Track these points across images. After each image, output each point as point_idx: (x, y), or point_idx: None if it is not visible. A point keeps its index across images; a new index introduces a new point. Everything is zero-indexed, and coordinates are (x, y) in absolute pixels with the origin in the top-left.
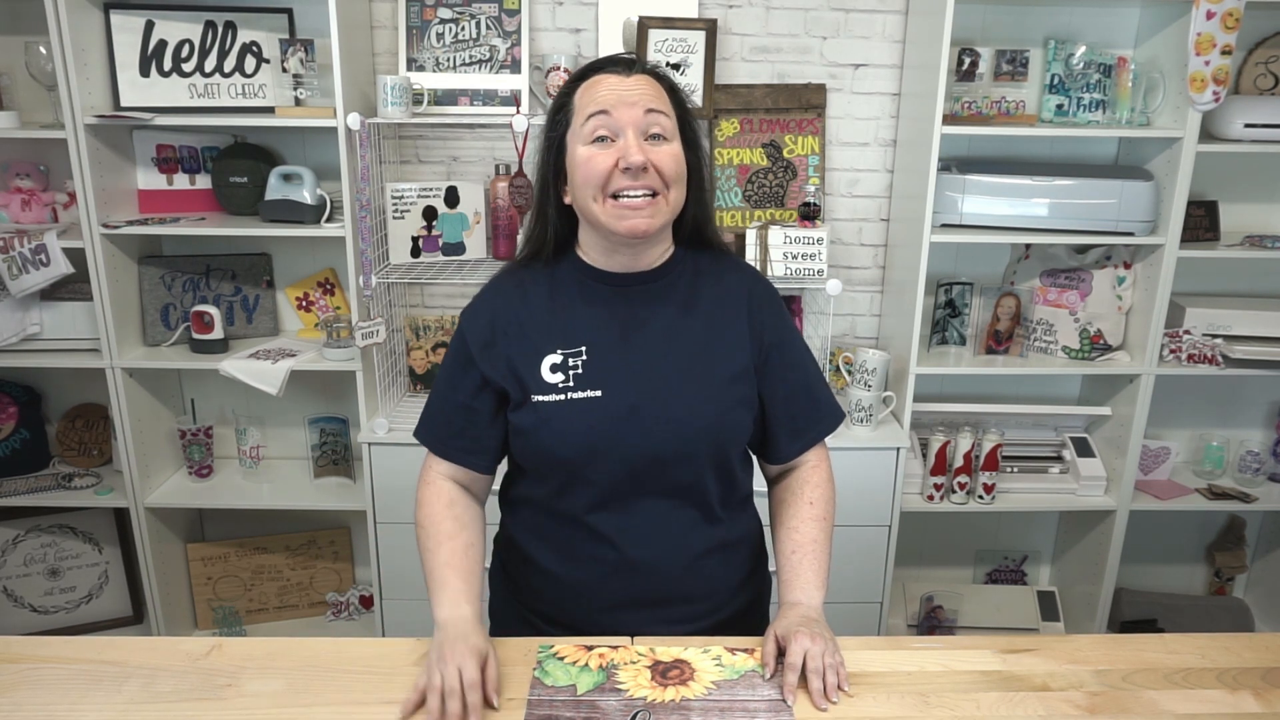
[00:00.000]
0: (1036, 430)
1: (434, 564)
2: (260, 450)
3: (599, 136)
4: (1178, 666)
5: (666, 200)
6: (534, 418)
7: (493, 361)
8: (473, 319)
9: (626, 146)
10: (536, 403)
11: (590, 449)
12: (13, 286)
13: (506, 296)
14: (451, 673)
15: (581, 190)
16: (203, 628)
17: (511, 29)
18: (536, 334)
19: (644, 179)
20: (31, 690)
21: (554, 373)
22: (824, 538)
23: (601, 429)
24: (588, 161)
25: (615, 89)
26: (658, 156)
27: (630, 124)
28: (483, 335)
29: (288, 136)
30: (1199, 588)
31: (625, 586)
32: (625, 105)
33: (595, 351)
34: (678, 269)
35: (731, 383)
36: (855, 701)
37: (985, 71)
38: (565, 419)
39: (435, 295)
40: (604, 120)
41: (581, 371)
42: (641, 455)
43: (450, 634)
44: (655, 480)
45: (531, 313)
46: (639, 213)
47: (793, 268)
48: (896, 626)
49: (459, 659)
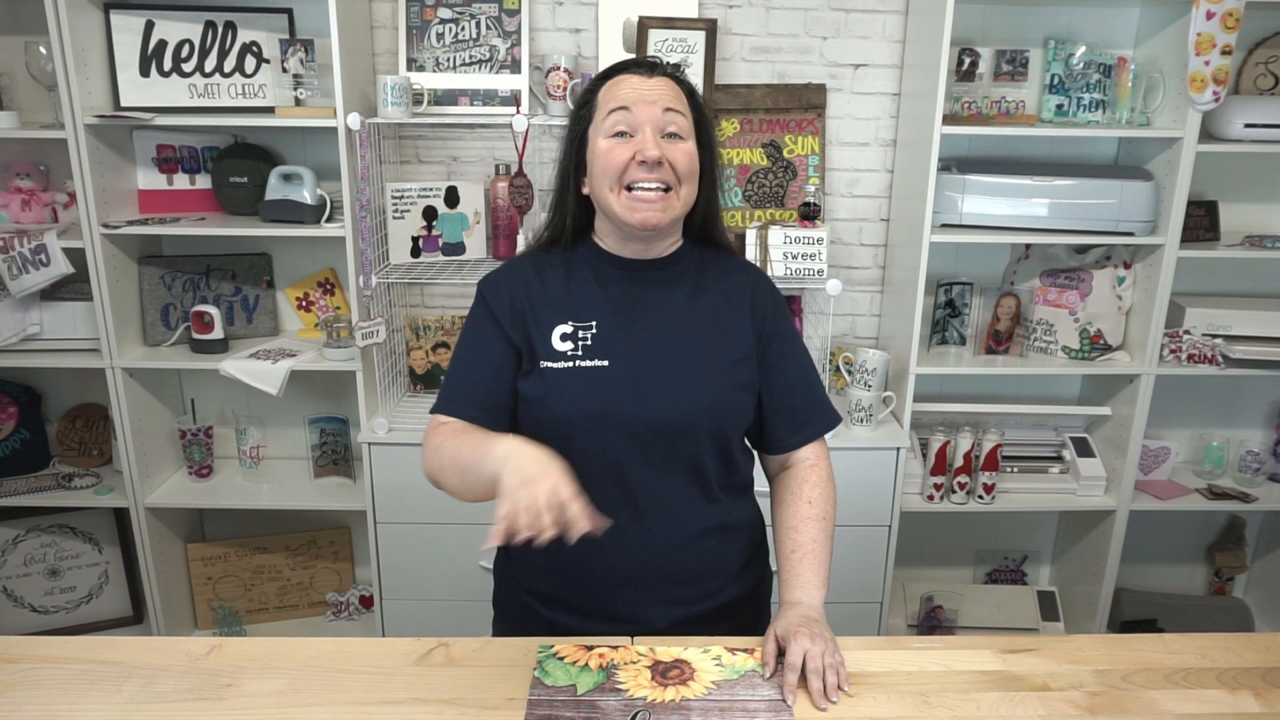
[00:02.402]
0: (1036, 430)
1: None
2: (260, 450)
3: (619, 131)
4: (1178, 666)
5: (678, 196)
6: (542, 384)
7: (513, 325)
8: (493, 288)
9: (644, 141)
10: (545, 369)
11: (595, 415)
12: (13, 286)
13: (524, 271)
14: (546, 489)
15: (599, 181)
16: (203, 628)
17: (511, 29)
18: (550, 307)
19: (658, 173)
20: (31, 690)
21: (564, 341)
22: (824, 537)
23: (607, 395)
24: (606, 154)
25: (637, 88)
26: (672, 153)
27: (648, 121)
28: (503, 302)
29: (288, 136)
30: (1199, 588)
31: (624, 562)
32: (645, 103)
33: (605, 326)
34: (686, 259)
35: (734, 365)
36: (855, 701)
37: (985, 71)
38: (572, 385)
39: (435, 295)
40: (624, 116)
41: (590, 343)
42: (644, 424)
43: (525, 456)
44: (656, 453)
45: (547, 289)
46: (651, 206)
47: (793, 268)
48: (896, 626)
49: (550, 480)
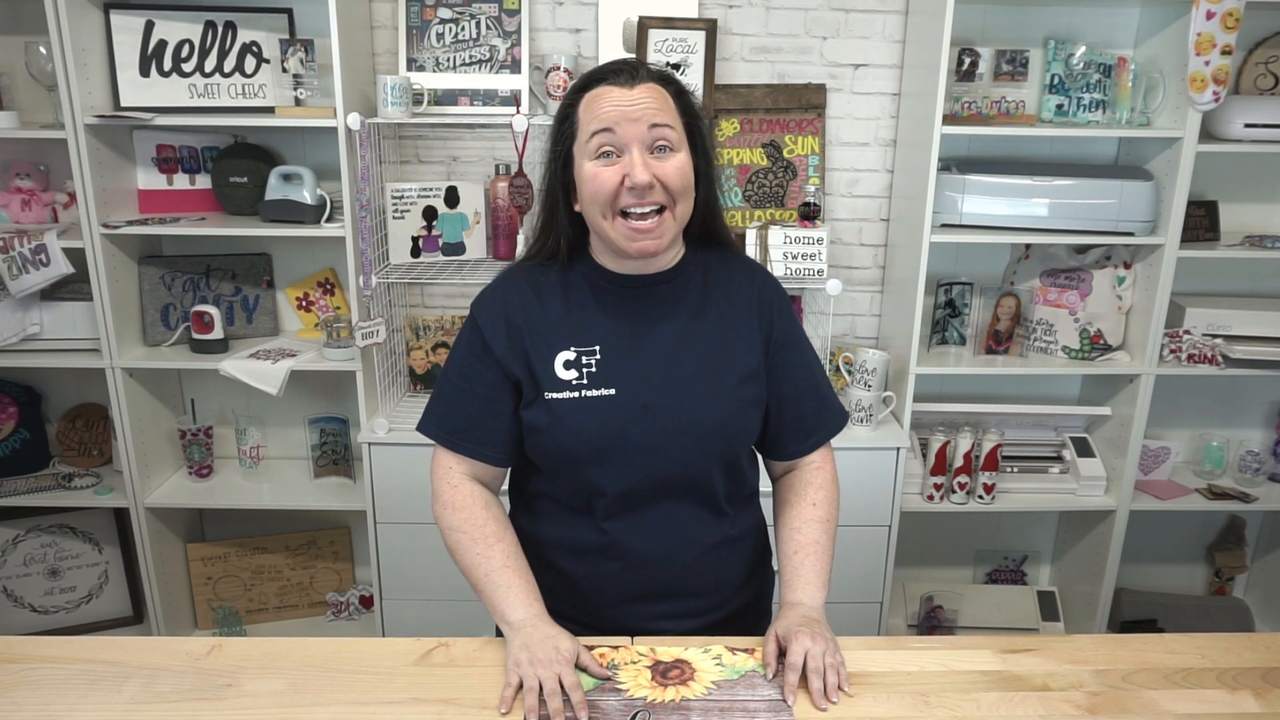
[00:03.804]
0: (1036, 430)
1: (490, 567)
2: (260, 450)
3: (604, 153)
4: (1178, 666)
5: (674, 215)
6: (547, 415)
7: (509, 353)
8: (487, 309)
9: (632, 165)
10: (550, 400)
11: (603, 446)
12: (13, 286)
13: (521, 290)
14: (551, 678)
15: (590, 206)
16: (203, 628)
17: (511, 29)
18: (550, 332)
19: (651, 195)
20: (31, 690)
21: (567, 370)
22: (826, 539)
23: (614, 426)
24: (594, 179)
25: (618, 104)
26: (663, 171)
27: (634, 140)
28: (498, 326)
29: (288, 136)
30: (1199, 588)
31: (633, 582)
32: (629, 121)
33: (608, 351)
34: (688, 271)
35: (742, 383)
36: (855, 701)
37: (985, 71)
38: (579, 416)
39: (435, 295)
40: (608, 138)
41: (595, 370)
42: (653, 453)
43: (535, 635)
44: (665, 478)
45: (545, 311)
46: (648, 235)
47: (793, 268)
48: (896, 626)
49: (557, 666)
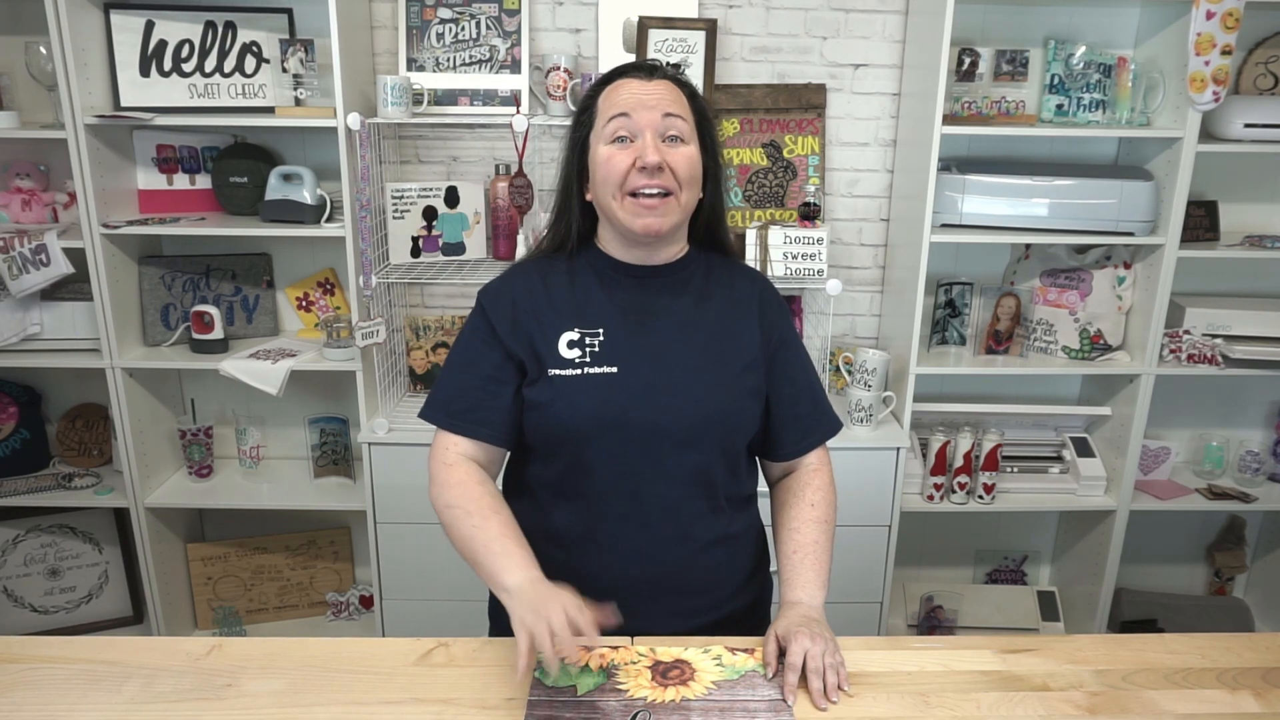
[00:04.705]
0: (1036, 430)
1: (487, 536)
2: (260, 450)
3: (619, 137)
4: (1178, 666)
5: (679, 200)
6: (549, 391)
7: (514, 337)
8: (494, 297)
9: (644, 146)
10: (553, 376)
11: (603, 422)
12: (13, 286)
13: (528, 278)
14: (558, 612)
15: (601, 188)
16: (203, 628)
17: (511, 29)
18: (556, 314)
19: (659, 178)
20: (31, 690)
21: (571, 349)
22: (825, 539)
23: (615, 402)
24: (608, 160)
25: (636, 93)
26: (673, 158)
27: (648, 126)
28: (505, 311)
29: (288, 136)
30: (1199, 588)
31: (629, 573)
32: (644, 108)
33: (612, 332)
34: (691, 267)
35: (742, 372)
36: (855, 701)
37: (985, 71)
38: (580, 392)
39: (435, 295)
40: (624, 122)
41: (598, 350)
42: (654, 431)
43: (537, 592)
44: (664, 462)
45: (552, 296)
46: (653, 212)
47: (793, 268)
48: (896, 626)
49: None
